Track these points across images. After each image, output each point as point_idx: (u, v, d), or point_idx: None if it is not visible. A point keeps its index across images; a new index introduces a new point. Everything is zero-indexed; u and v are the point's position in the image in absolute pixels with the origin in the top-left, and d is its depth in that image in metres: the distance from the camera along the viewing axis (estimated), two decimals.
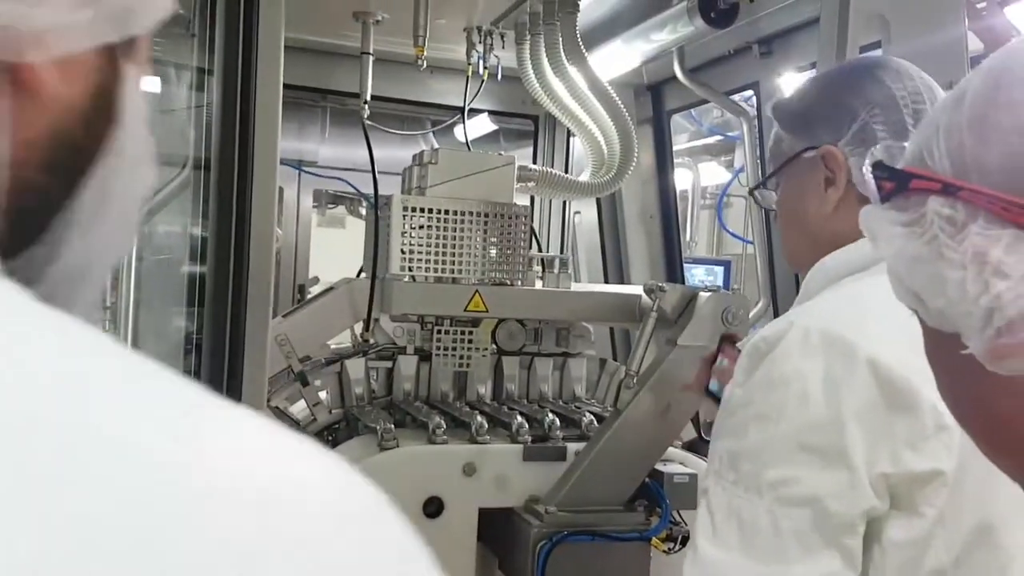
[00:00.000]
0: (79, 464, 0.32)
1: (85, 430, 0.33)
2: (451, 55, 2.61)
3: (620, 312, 2.07)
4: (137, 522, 0.31)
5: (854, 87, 1.22)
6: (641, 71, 2.87)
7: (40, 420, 0.32)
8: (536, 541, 1.75)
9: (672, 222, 3.13)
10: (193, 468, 0.33)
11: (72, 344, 0.37)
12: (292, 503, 0.35)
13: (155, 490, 0.32)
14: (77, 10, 0.41)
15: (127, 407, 0.34)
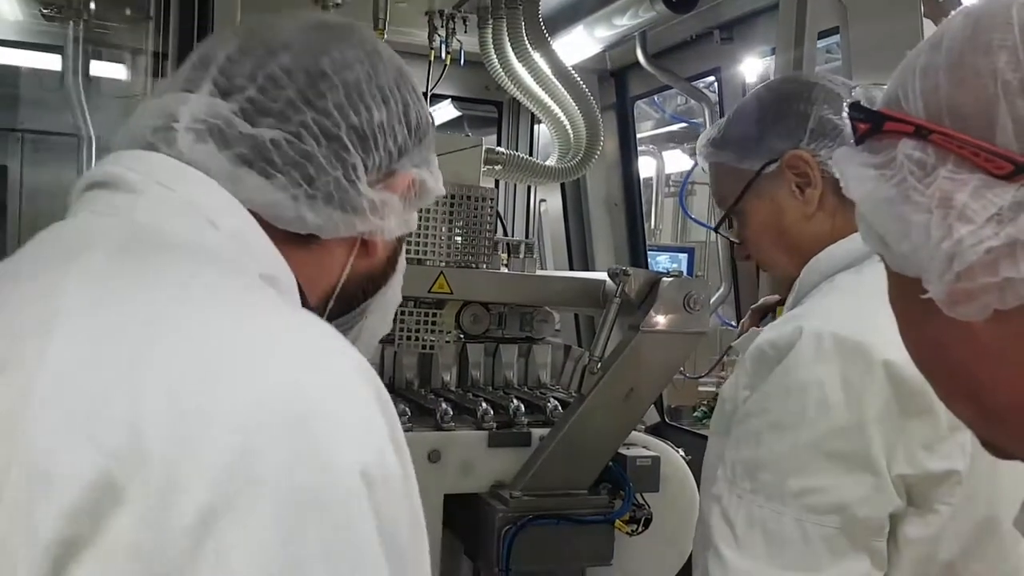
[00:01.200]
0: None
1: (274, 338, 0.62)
2: (413, 39, 2.59)
3: (584, 297, 2.07)
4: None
5: (793, 94, 1.27)
6: (604, 57, 2.87)
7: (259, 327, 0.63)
8: (502, 526, 1.76)
9: (636, 209, 3.15)
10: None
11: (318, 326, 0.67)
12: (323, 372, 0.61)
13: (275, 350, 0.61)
14: (402, 225, 0.86)
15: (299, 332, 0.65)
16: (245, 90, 0.76)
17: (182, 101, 0.75)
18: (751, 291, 2.56)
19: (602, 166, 2.96)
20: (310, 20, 0.84)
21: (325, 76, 0.78)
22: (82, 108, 2.50)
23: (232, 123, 0.74)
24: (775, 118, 1.27)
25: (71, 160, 4.79)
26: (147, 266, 0.65)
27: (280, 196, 0.75)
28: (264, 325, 0.63)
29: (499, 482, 1.85)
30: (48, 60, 3.21)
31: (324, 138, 0.77)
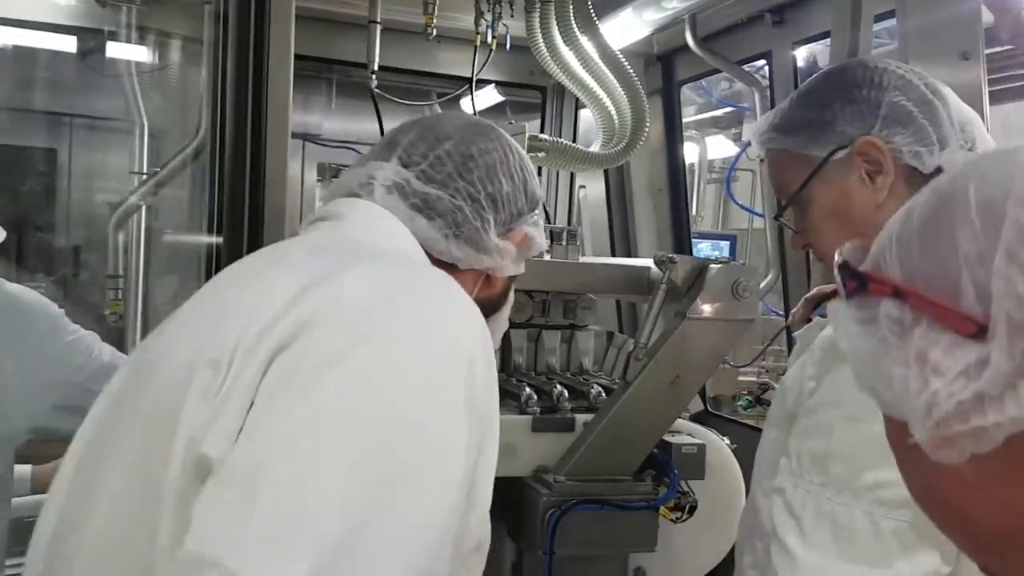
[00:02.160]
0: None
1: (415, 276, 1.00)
2: (459, 24, 2.58)
3: (629, 284, 2.06)
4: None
5: (864, 79, 1.23)
6: (651, 40, 2.84)
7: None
8: (545, 510, 1.76)
9: (681, 195, 3.12)
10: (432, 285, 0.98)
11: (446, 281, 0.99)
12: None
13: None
14: (514, 268, 1.18)
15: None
16: (420, 164, 1.12)
17: (378, 168, 1.13)
18: (800, 279, 2.53)
19: (646, 152, 2.94)
20: (464, 119, 1.21)
21: (473, 158, 1.14)
22: (135, 94, 2.54)
23: (411, 184, 1.11)
24: (844, 103, 1.23)
25: (118, 145, 4.87)
26: (365, 252, 1.02)
27: (437, 234, 1.11)
28: (421, 276, 1.00)
29: (542, 466, 1.86)
30: (97, 45, 3.25)
31: (469, 199, 1.13)
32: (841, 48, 1.90)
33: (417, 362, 0.86)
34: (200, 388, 0.84)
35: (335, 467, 0.78)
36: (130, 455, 0.89)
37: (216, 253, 1.53)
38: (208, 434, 0.81)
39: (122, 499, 0.88)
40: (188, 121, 2.63)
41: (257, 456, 0.78)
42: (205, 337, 0.89)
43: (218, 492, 0.78)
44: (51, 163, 5.16)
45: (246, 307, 0.89)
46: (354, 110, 3.83)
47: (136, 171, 2.65)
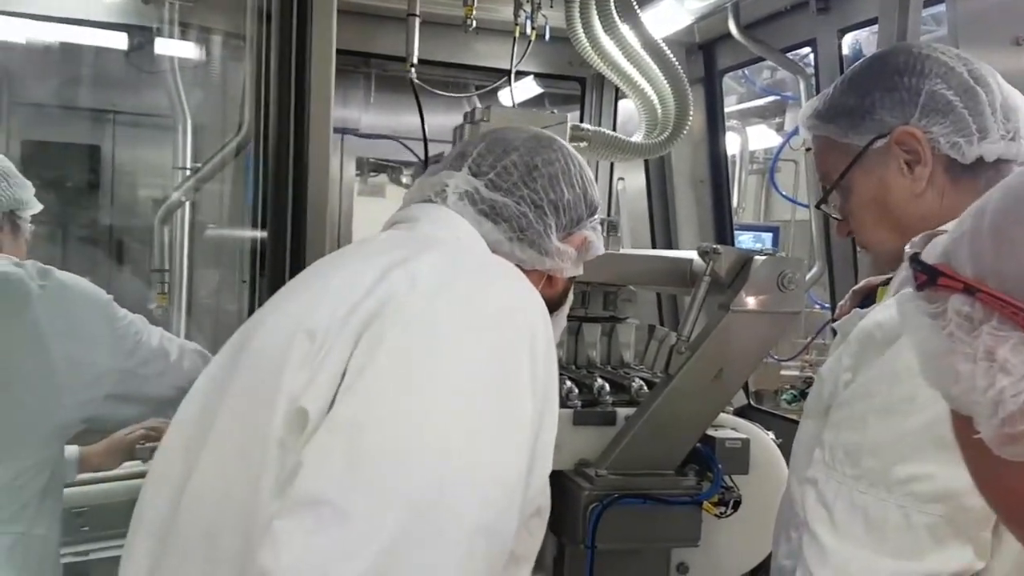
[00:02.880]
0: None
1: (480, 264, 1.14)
2: (497, 15, 2.57)
3: (671, 276, 2.04)
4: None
5: (904, 66, 1.21)
6: (692, 29, 2.81)
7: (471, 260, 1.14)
8: (587, 503, 1.76)
9: (723, 186, 3.08)
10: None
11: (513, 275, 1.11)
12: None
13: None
14: (574, 270, 1.32)
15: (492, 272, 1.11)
16: (488, 174, 1.24)
17: (450, 176, 1.24)
18: (846, 271, 2.48)
19: (688, 142, 2.90)
20: (529, 132, 1.32)
21: (537, 168, 1.25)
22: (178, 90, 2.57)
23: (480, 192, 1.22)
24: (884, 91, 1.22)
25: (160, 140, 4.94)
26: (439, 244, 1.13)
27: (502, 237, 1.22)
28: (486, 261, 1.13)
29: (583, 460, 1.85)
30: (140, 41, 3.28)
31: (533, 206, 1.24)
32: (889, 34, 1.86)
33: (485, 332, 0.97)
34: (299, 354, 0.97)
35: (423, 423, 0.90)
36: (236, 412, 1.03)
37: (261, 245, 1.53)
38: (307, 392, 0.94)
39: (230, 452, 1.01)
40: (229, 116, 2.65)
41: (356, 411, 0.91)
42: (302, 312, 1.02)
43: (325, 441, 0.90)
44: (95, 159, 5.25)
45: (336, 288, 1.02)
46: (392, 103, 3.84)
47: (179, 166, 2.69)
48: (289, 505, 0.88)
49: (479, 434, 0.92)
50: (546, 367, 1.01)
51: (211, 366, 1.16)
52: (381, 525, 0.85)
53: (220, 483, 1.00)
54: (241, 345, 1.11)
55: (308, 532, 0.85)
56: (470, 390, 0.94)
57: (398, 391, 0.92)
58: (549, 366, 1.03)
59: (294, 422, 0.94)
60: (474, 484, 0.90)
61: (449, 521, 0.87)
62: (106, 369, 1.66)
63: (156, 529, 1.06)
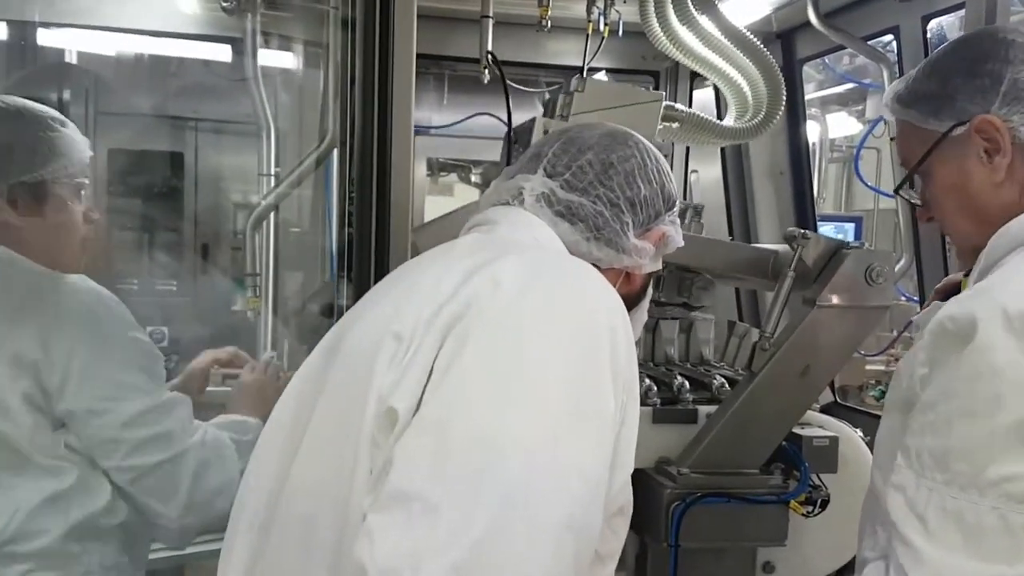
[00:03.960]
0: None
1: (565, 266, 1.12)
2: (568, 12, 2.56)
3: (753, 266, 1.98)
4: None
5: (987, 52, 1.19)
6: (770, 19, 2.76)
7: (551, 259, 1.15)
8: (670, 502, 1.74)
9: (804, 177, 3.01)
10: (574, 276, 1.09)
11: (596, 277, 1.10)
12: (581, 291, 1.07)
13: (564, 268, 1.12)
14: (652, 265, 1.29)
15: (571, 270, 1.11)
16: (563, 174, 1.24)
17: (526, 179, 1.25)
18: (935, 263, 2.40)
19: (766, 133, 2.85)
20: (603, 130, 1.31)
21: (612, 166, 1.25)
22: (261, 98, 2.64)
23: (555, 193, 1.23)
24: (966, 78, 1.19)
25: (240, 146, 5.07)
26: (519, 246, 1.16)
27: (579, 237, 1.22)
28: (564, 261, 1.14)
29: (664, 458, 1.84)
30: (222, 51, 3.38)
31: (610, 204, 1.23)
32: (976, 18, 1.79)
33: (566, 331, 0.99)
34: (387, 355, 1.01)
35: (508, 419, 0.92)
36: (330, 411, 1.07)
37: (346, 247, 1.57)
38: (395, 392, 0.97)
39: (325, 449, 1.05)
40: (310, 123, 2.72)
41: (442, 410, 0.93)
42: (389, 315, 1.06)
43: (414, 439, 0.93)
44: (178, 166, 5.43)
45: (421, 292, 1.05)
46: (463, 103, 3.86)
47: (264, 173, 2.76)
48: (382, 501, 0.91)
49: (562, 430, 0.93)
50: (627, 364, 1.03)
51: (305, 367, 1.19)
52: (471, 519, 0.87)
53: (316, 479, 1.04)
54: (334, 346, 1.15)
55: (400, 527, 0.88)
56: (553, 387, 0.95)
57: (482, 389, 0.94)
58: (630, 363, 1.04)
59: (384, 421, 0.97)
60: (559, 479, 0.91)
61: (537, 515, 0.89)
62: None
63: (256, 523, 1.10)
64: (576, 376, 0.97)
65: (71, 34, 3.04)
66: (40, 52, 3.36)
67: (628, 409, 1.04)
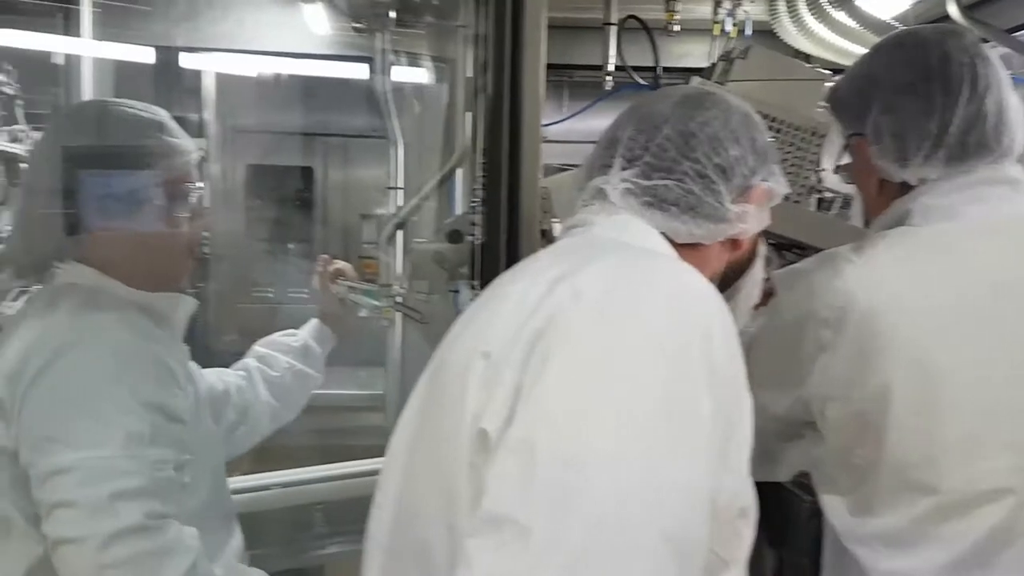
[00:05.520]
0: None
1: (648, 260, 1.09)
2: (692, 15, 2.53)
3: None
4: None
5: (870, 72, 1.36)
6: (907, 15, 2.64)
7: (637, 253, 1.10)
8: (809, 516, 1.69)
9: None
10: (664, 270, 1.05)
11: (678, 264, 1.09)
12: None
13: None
14: (758, 224, 1.17)
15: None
16: (643, 157, 1.14)
17: (606, 173, 1.17)
18: None
19: None
20: (676, 95, 1.19)
21: (694, 136, 1.13)
22: (391, 113, 2.72)
23: (639, 182, 1.14)
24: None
25: (365, 160, 5.26)
26: (604, 249, 1.11)
27: (674, 222, 1.13)
28: (652, 263, 1.08)
29: (803, 472, 1.78)
30: (352, 69, 3.50)
31: (698, 177, 1.13)
32: None
33: (652, 337, 0.94)
34: (477, 375, 0.98)
35: (594, 435, 0.89)
36: (433, 434, 1.06)
37: (481, 257, 1.60)
38: (485, 413, 0.95)
39: (431, 473, 1.04)
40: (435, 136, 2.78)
41: (527, 430, 0.91)
42: (479, 334, 1.04)
43: (503, 461, 0.91)
44: (308, 179, 5.66)
45: (508, 306, 1.03)
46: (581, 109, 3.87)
47: (393, 185, 2.85)
48: (477, 524, 0.90)
49: (652, 442, 0.89)
50: (727, 361, 0.97)
51: (418, 386, 1.18)
52: (563, 539, 0.85)
53: (426, 503, 1.03)
54: (436, 369, 1.14)
55: (494, 550, 0.87)
56: (640, 399, 0.91)
57: (565, 406, 0.91)
58: (731, 360, 0.98)
59: (479, 443, 0.95)
60: (652, 493, 0.88)
61: (631, 532, 0.86)
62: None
63: (384, 544, 1.11)
64: (665, 384, 0.92)
65: (212, 58, 3.20)
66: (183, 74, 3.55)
67: (734, 409, 0.97)
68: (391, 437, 1.19)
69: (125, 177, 1.45)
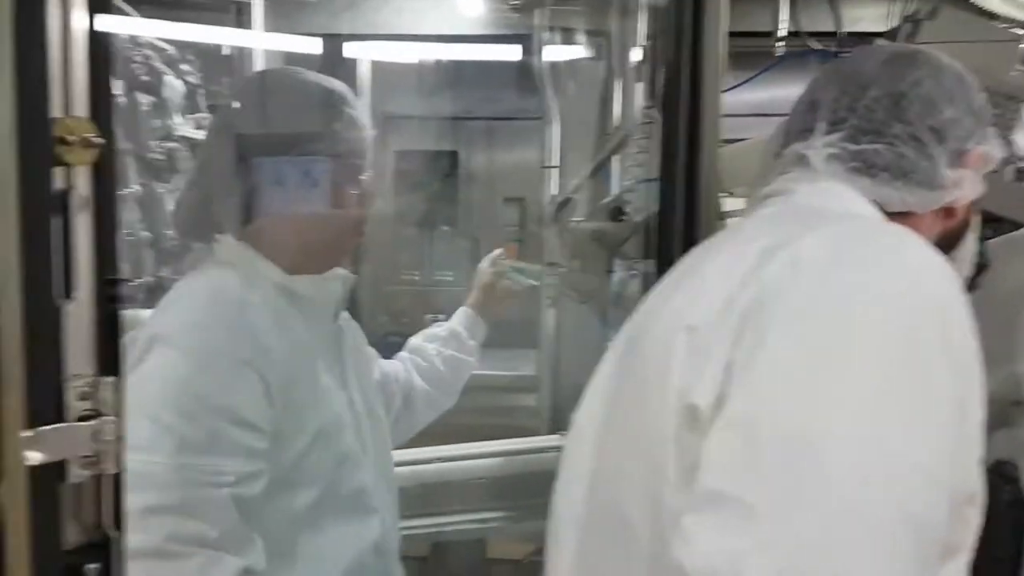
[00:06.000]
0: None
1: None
2: None
3: None
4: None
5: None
6: None
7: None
8: (1009, 505, 1.58)
9: None
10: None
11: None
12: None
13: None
14: (973, 191, 1.11)
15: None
16: (848, 120, 1.09)
17: (809, 137, 1.12)
18: None
19: None
20: (882, 55, 1.13)
21: (905, 96, 1.08)
22: (548, 91, 2.72)
23: (846, 146, 1.09)
24: None
25: (510, 144, 5.29)
26: (822, 217, 1.04)
27: (885, 189, 1.08)
28: (876, 232, 1.00)
29: (1001, 459, 1.66)
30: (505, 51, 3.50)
31: (911, 140, 1.07)
32: None
33: (882, 311, 0.87)
34: (682, 350, 0.95)
35: (823, 413, 0.83)
36: (632, 409, 1.04)
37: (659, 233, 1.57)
38: (695, 388, 0.91)
39: (630, 448, 1.02)
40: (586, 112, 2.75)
41: (749, 406, 0.86)
42: (682, 307, 0.99)
43: (722, 438, 0.88)
44: (453, 164, 5.76)
45: (713, 279, 0.98)
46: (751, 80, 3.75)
47: (549, 165, 2.84)
48: (695, 502, 0.87)
49: (887, 420, 0.83)
50: (963, 337, 0.90)
51: (605, 364, 1.16)
52: (791, 520, 0.80)
53: (627, 479, 1.01)
54: (632, 340, 1.11)
55: (716, 528, 0.84)
56: (871, 375, 0.85)
57: (790, 382, 0.86)
58: (966, 336, 0.91)
59: (687, 418, 0.92)
60: (890, 473, 0.82)
61: (867, 514, 0.80)
62: None
63: (578, 520, 1.10)
64: (899, 360, 0.85)
65: (370, 46, 3.29)
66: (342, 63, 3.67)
67: (968, 389, 0.91)
68: (574, 414, 1.18)
69: (302, 147, 1.38)
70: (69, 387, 0.72)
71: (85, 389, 0.74)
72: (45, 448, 0.71)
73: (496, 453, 2.28)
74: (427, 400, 1.90)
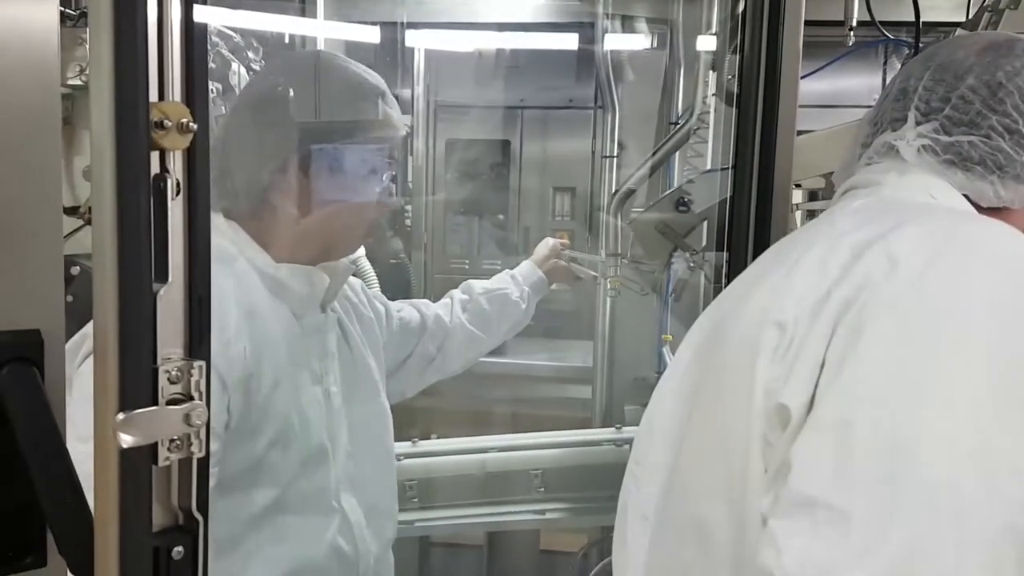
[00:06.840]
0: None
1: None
2: None
3: None
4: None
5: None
6: None
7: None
8: None
9: None
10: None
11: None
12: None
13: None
14: None
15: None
16: (943, 110, 1.06)
17: (899, 127, 1.09)
18: None
19: None
20: (980, 42, 1.08)
21: (1002, 86, 1.04)
22: (608, 79, 2.69)
23: (938, 138, 1.05)
24: None
25: (563, 133, 5.26)
26: (919, 211, 1.02)
27: (980, 184, 1.04)
28: (972, 225, 0.96)
29: None
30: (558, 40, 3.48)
31: (1007, 133, 1.03)
32: None
33: (984, 309, 0.84)
34: (770, 347, 0.91)
35: (920, 417, 0.80)
36: (713, 407, 1.00)
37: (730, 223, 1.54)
38: (784, 388, 0.88)
39: (710, 446, 0.99)
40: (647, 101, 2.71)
41: (842, 408, 0.83)
42: (768, 302, 0.96)
43: (813, 440, 0.84)
44: (505, 153, 5.74)
45: (802, 274, 0.94)
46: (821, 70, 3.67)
47: (608, 155, 2.82)
48: (783, 506, 0.84)
49: (990, 425, 0.80)
50: None
51: (680, 359, 1.13)
52: (887, 530, 0.77)
53: (706, 479, 0.99)
54: (710, 337, 1.08)
55: (806, 534, 0.81)
56: (973, 377, 0.81)
57: (887, 384, 0.82)
58: None
59: (774, 418, 0.89)
60: (990, 482, 0.78)
61: (965, 522, 0.77)
62: None
63: (652, 517, 1.08)
64: (1003, 362, 0.81)
65: (428, 34, 3.29)
66: (399, 52, 3.67)
67: None
68: (647, 410, 1.16)
69: (333, 136, 1.33)
70: (161, 371, 0.73)
71: (175, 373, 0.74)
72: (138, 431, 0.71)
73: (550, 444, 2.27)
74: (467, 339, 1.89)
